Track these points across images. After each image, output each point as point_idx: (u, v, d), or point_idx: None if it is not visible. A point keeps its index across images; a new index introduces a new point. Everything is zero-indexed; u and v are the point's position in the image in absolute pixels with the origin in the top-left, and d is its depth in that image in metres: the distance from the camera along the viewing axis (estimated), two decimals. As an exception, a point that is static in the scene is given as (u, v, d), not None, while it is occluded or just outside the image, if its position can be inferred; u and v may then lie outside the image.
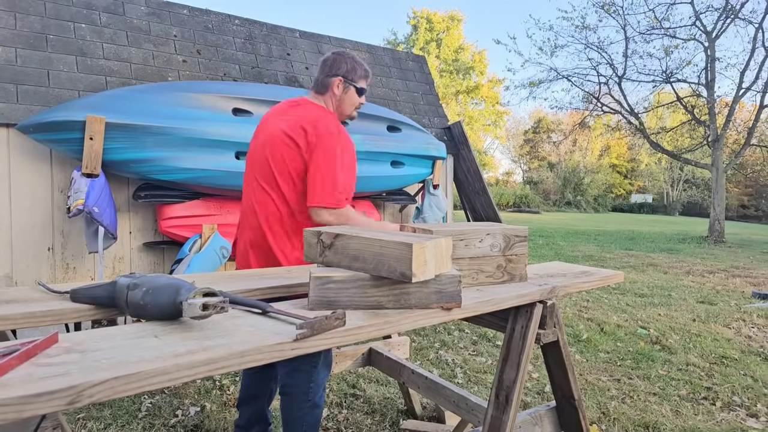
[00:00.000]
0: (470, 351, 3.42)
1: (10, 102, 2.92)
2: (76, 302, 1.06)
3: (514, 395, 1.44)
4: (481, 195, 4.73)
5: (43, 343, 0.76)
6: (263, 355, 0.83)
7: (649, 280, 6.46)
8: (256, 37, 4.24)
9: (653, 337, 3.82)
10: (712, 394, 2.78)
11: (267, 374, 1.93)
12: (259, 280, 1.36)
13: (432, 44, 30.66)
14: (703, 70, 13.40)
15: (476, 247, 1.36)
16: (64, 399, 0.63)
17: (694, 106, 13.97)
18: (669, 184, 41.10)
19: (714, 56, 13.08)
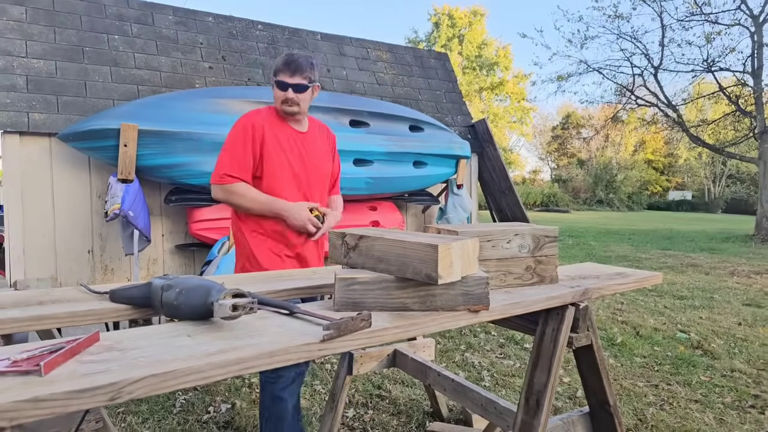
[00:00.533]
0: (497, 354, 3.38)
1: (51, 113, 3.07)
2: (114, 302, 1.12)
3: (545, 400, 1.42)
4: (507, 194, 4.66)
5: (86, 342, 0.80)
6: (291, 355, 0.85)
7: (690, 282, 6.21)
8: (279, 41, 4.32)
9: (694, 342, 3.66)
10: (760, 402, 2.64)
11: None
12: (285, 281, 1.38)
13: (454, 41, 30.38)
14: (748, 57, 12.63)
15: (504, 248, 1.35)
16: (106, 395, 0.66)
17: (738, 96, 13.26)
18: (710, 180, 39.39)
19: (761, 42, 12.31)
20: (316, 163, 1.95)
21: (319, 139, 2.01)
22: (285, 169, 1.86)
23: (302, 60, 1.83)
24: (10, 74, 3.06)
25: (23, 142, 3.01)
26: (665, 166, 42.28)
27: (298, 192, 1.90)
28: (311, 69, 1.85)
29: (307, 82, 1.84)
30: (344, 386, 1.97)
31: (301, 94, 1.84)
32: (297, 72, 1.81)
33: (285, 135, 1.88)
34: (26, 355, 0.72)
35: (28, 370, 0.67)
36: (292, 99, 1.82)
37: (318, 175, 1.97)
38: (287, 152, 1.87)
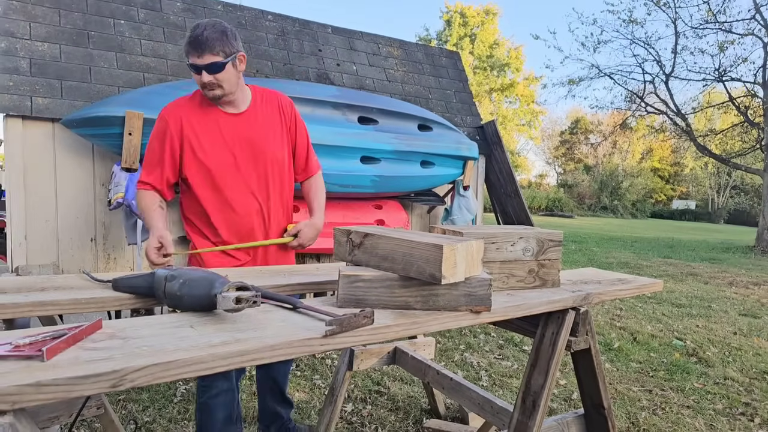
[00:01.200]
0: (496, 354, 3.38)
1: (55, 97, 3.06)
2: (117, 291, 1.12)
3: (542, 401, 1.42)
4: (513, 198, 4.64)
5: (89, 329, 0.80)
6: (293, 349, 0.85)
7: (688, 290, 6.21)
8: (289, 33, 4.29)
9: (689, 349, 3.67)
10: (750, 410, 2.66)
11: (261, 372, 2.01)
12: (289, 276, 1.39)
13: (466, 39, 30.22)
14: (760, 68, 12.57)
15: (508, 250, 1.35)
16: (108, 382, 0.67)
17: (747, 107, 13.19)
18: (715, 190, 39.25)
19: (775, 53, 12.26)
20: (260, 146, 1.66)
21: (265, 117, 1.70)
22: (221, 163, 1.61)
23: (209, 33, 1.50)
24: (13, 56, 3.03)
25: (26, 127, 2.99)
26: (671, 174, 42.14)
27: (244, 186, 1.65)
28: (224, 40, 1.53)
29: (222, 58, 1.52)
30: (344, 381, 1.97)
31: (220, 74, 1.53)
32: (205, 50, 1.50)
33: (212, 122, 1.62)
34: (29, 340, 0.72)
35: (30, 355, 0.68)
36: (210, 83, 1.54)
37: (266, 160, 1.68)
38: (218, 142, 1.61)
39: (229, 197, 1.65)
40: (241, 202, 1.67)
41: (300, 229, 1.74)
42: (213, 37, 1.51)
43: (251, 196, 1.68)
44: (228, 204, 1.66)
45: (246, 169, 1.66)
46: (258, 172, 1.68)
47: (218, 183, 1.64)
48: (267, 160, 1.68)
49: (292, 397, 1.99)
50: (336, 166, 3.42)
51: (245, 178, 1.66)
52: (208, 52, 1.51)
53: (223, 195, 1.65)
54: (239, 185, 1.65)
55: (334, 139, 3.39)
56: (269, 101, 1.74)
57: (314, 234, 1.77)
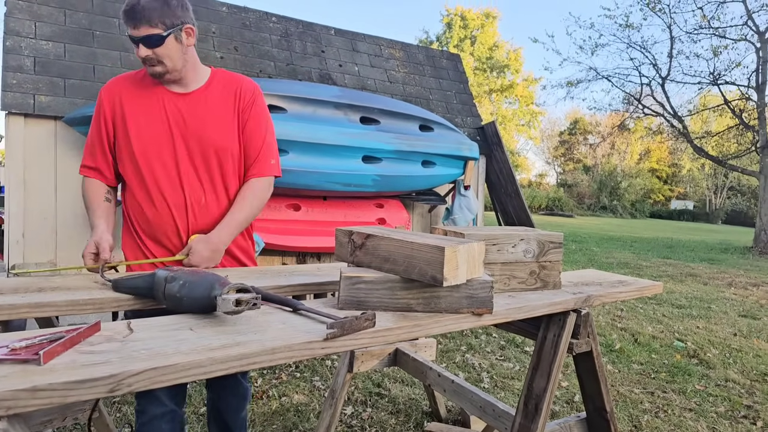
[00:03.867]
0: (497, 356, 3.37)
1: (57, 95, 3.05)
2: (117, 291, 1.10)
3: (544, 404, 1.41)
4: (513, 198, 4.64)
5: (87, 331, 0.79)
6: (294, 352, 0.84)
7: (688, 291, 6.20)
8: (292, 34, 4.30)
9: (690, 351, 3.66)
10: (752, 413, 2.65)
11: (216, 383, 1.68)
12: (289, 277, 1.37)
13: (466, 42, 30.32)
14: (753, 72, 12.77)
15: (509, 252, 1.34)
16: (105, 386, 0.65)
17: (742, 109, 13.32)
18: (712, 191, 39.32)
19: (766, 58, 12.42)
20: (201, 132, 1.43)
21: (217, 100, 1.47)
22: (149, 147, 1.40)
23: (147, 4, 1.30)
24: (17, 55, 3.03)
25: (28, 124, 2.99)
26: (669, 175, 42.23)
27: (173, 176, 1.42)
28: (165, 9, 1.32)
29: (161, 30, 1.32)
30: (344, 383, 1.96)
31: (159, 48, 1.33)
32: (141, 21, 1.30)
33: (152, 102, 1.42)
34: (25, 343, 0.71)
35: (26, 359, 0.66)
36: (148, 57, 1.34)
37: (208, 149, 1.44)
38: (154, 123, 1.41)
39: (151, 187, 1.42)
40: (164, 195, 1.42)
41: (190, 246, 1.39)
42: (151, 6, 1.30)
43: (178, 190, 1.43)
44: (149, 195, 1.43)
45: (181, 157, 1.42)
46: (196, 161, 1.44)
47: (142, 169, 1.41)
48: (209, 148, 1.44)
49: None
50: (338, 165, 3.42)
51: (177, 166, 1.42)
52: (145, 24, 1.30)
53: (145, 184, 1.42)
54: (167, 175, 1.42)
55: (336, 139, 3.39)
56: (227, 85, 1.50)
57: (209, 254, 1.39)
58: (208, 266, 1.40)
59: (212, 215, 1.47)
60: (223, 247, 1.43)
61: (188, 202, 1.44)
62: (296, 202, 3.60)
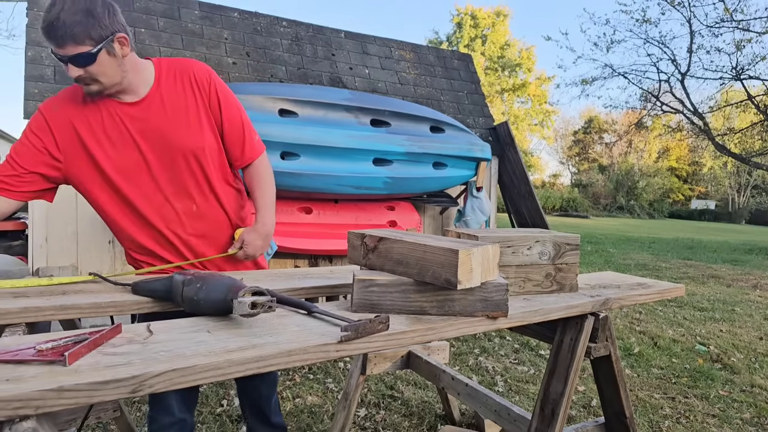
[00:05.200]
0: (512, 359, 3.34)
1: (79, 104, 3.13)
2: (136, 294, 1.13)
3: (561, 409, 1.39)
4: (527, 199, 4.60)
5: (109, 333, 0.81)
6: (309, 355, 0.85)
7: (710, 293, 6.06)
8: (302, 39, 4.34)
9: (713, 355, 3.58)
10: (779, 420, 2.58)
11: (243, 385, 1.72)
12: (302, 279, 1.39)
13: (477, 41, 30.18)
14: (779, 66, 12.37)
15: (524, 254, 1.33)
16: (128, 387, 0.67)
17: (767, 105, 12.92)
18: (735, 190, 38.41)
19: (793, 51, 12.02)
20: (171, 137, 1.31)
21: (173, 99, 1.33)
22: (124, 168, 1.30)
23: (67, 16, 1.12)
24: (39, 65, 3.12)
25: (51, 133, 3.07)
26: (689, 174, 41.39)
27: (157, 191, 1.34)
28: (90, 22, 1.15)
29: (91, 47, 1.16)
30: (357, 386, 1.97)
31: (91, 66, 1.18)
32: (65, 39, 1.14)
33: (107, 119, 1.28)
34: (51, 344, 0.73)
35: (53, 360, 0.69)
36: (81, 77, 1.20)
37: (179, 156, 1.33)
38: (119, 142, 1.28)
39: (136, 211, 1.34)
40: (152, 216, 1.35)
41: (242, 239, 1.42)
42: (73, 20, 1.13)
43: (166, 206, 1.35)
44: (135, 219, 1.36)
45: (158, 171, 1.32)
46: (175, 171, 1.34)
47: (121, 195, 1.32)
48: (185, 153, 1.33)
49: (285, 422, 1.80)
50: (349, 168, 3.44)
51: (157, 182, 1.33)
52: (70, 42, 1.14)
53: (127, 210, 1.34)
54: (149, 194, 1.33)
55: (347, 142, 3.41)
56: (178, 76, 1.35)
57: (261, 241, 1.42)
58: (262, 253, 1.43)
59: (208, 219, 1.42)
60: (272, 230, 1.44)
61: (179, 216, 1.37)
62: (308, 205, 3.63)
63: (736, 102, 14.57)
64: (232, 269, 1.50)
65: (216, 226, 1.44)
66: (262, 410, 1.72)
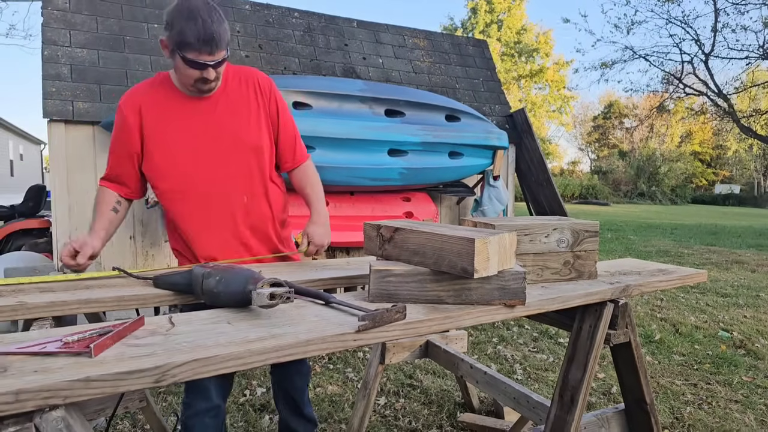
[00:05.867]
0: (530, 347, 3.33)
1: (94, 101, 3.18)
2: (158, 288, 1.16)
3: (580, 396, 1.39)
4: (545, 187, 4.54)
5: (132, 325, 0.83)
6: (327, 344, 0.86)
7: (734, 279, 5.92)
8: (315, 29, 4.32)
9: (737, 341, 3.51)
10: (805, 406, 2.53)
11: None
12: (320, 271, 1.40)
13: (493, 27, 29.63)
14: (809, 44, 11.85)
15: (542, 242, 1.32)
16: (152, 377, 0.69)
17: (796, 84, 12.45)
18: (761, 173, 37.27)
19: (824, 27, 11.52)
20: (232, 136, 1.44)
21: (239, 98, 1.48)
22: (188, 158, 1.42)
23: (218, 27, 1.31)
24: (55, 63, 3.16)
25: (68, 130, 3.12)
26: (712, 158, 40.26)
27: (218, 184, 1.44)
28: (227, 30, 1.37)
29: (225, 53, 1.36)
30: (377, 375, 1.99)
31: (221, 68, 1.38)
32: (219, 47, 1.32)
33: (178, 112, 1.42)
34: (77, 337, 0.75)
35: (79, 352, 0.71)
36: (213, 78, 1.36)
37: (240, 152, 1.46)
38: (184, 137, 1.41)
39: (203, 200, 1.44)
40: (218, 205, 1.45)
41: (307, 234, 1.52)
42: (221, 31, 1.32)
43: (225, 197, 1.46)
44: (202, 209, 1.45)
45: (222, 162, 1.44)
46: (237, 165, 1.45)
47: (188, 183, 1.43)
48: (247, 148, 1.46)
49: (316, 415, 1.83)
50: (364, 159, 3.43)
51: (221, 174, 1.44)
52: (219, 50, 1.32)
53: (192, 198, 1.43)
54: (215, 183, 1.44)
55: (362, 133, 3.40)
56: (244, 80, 1.50)
57: (323, 229, 1.54)
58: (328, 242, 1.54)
59: (255, 212, 1.51)
60: (327, 219, 1.59)
61: (235, 206, 1.47)
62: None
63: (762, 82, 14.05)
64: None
65: (261, 220, 1.53)
66: (296, 401, 1.77)
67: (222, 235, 1.47)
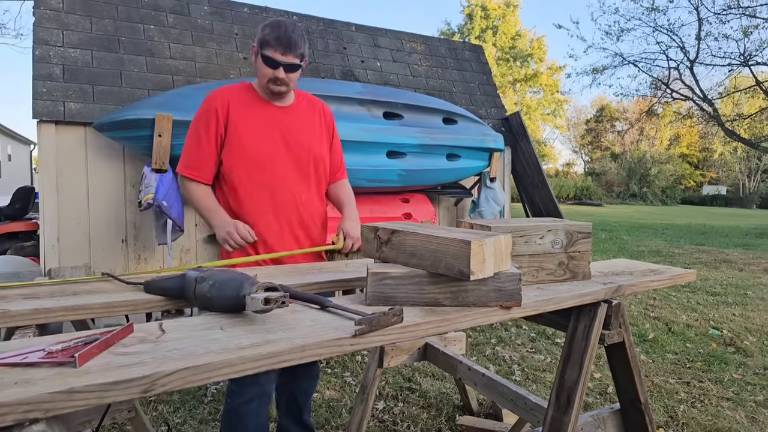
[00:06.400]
0: (528, 348, 3.32)
1: (87, 102, 3.13)
2: (148, 293, 1.13)
3: (576, 396, 1.38)
4: (540, 188, 4.56)
5: (120, 333, 0.80)
6: (323, 349, 0.84)
7: (723, 278, 5.98)
8: (313, 32, 4.30)
9: (727, 339, 3.54)
10: (794, 402, 2.55)
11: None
12: (317, 274, 1.38)
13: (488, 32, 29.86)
14: (786, 52, 12.15)
15: (537, 243, 1.31)
16: (139, 387, 0.66)
17: (775, 90, 12.71)
18: (745, 175, 37.82)
19: (799, 36, 11.80)
20: (301, 142, 1.69)
21: (308, 115, 1.75)
22: (266, 153, 1.63)
23: (296, 35, 1.57)
24: (47, 63, 3.10)
25: (59, 132, 3.07)
26: (700, 160, 40.79)
27: (286, 178, 1.65)
28: (305, 44, 1.60)
29: (299, 60, 1.60)
30: (375, 379, 1.96)
31: (293, 74, 1.61)
32: (291, 50, 1.56)
33: (260, 113, 1.65)
34: (61, 346, 0.72)
35: (62, 362, 0.68)
36: (282, 79, 1.59)
37: (305, 156, 1.70)
38: (262, 134, 1.63)
39: (270, 189, 1.63)
40: (281, 196, 1.65)
41: (343, 230, 1.73)
42: (299, 39, 1.58)
43: (289, 192, 1.66)
44: (268, 196, 1.64)
45: (290, 161, 1.66)
46: (301, 166, 1.69)
47: (260, 173, 1.62)
48: (311, 154, 1.70)
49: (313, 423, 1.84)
50: (363, 161, 3.42)
51: (288, 170, 1.66)
52: (292, 54, 1.56)
53: (263, 186, 1.63)
54: (282, 177, 1.65)
55: (360, 135, 3.40)
56: (312, 103, 1.80)
57: (356, 225, 1.77)
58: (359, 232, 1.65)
59: (313, 208, 1.75)
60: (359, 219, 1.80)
61: (296, 199, 1.68)
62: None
63: (744, 88, 14.41)
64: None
65: (312, 217, 1.74)
66: (299, 406, 1.84)
67: (279, 223, 1.66)
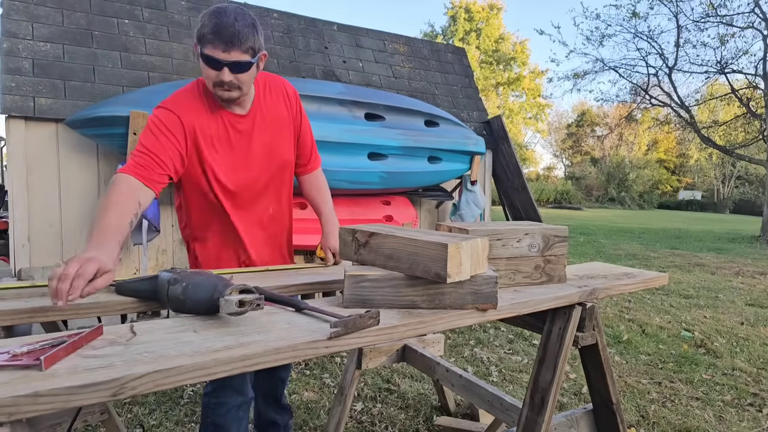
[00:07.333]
0: (506, 349, 3.36)
1: (58, 98, 3.05)
2: (120, 295, 1.10)
3: (550, 397, 1.40)
4: (520, 192, 4.63)
5: (89, 335, 0.78)
6: (297, 352, 0.84)
7: (696, 281, 6.15)
8: (294, 31, 4.27)
9: (698, 340, 3.65)
10: (758, 401, 2.64)
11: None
12: (295, 276, 1.37)
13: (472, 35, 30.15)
14: (760, 61, 12.61)
15: (514, 247, 1.33)
16: (108, 390, 0.65)
17: (750, 98, 13.17)
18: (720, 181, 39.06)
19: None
20: (273, 150, 1.47)
21: (271, 110, 1.47)
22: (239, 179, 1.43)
23: (241, 24, 1.23)
24: (15, 57, 3.01)
25: (28, 127, 2.98)
26: (676, 165, 41.95)
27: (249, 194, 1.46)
28: (255, 35, 1.27)
29: (250, 57, 1.27)
30: (353, 380, 1.96)
31: (243, 74, 1.28)
32: (234, 45, 1.23)
33: (224, 128, 1.38)
34: (27, 348, 0.71)
35: (28, 365, 0.66)
36: (230, 83, 1.27)
37: (279, 165, 1.49)
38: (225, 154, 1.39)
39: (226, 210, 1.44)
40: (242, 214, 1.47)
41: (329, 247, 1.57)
42: (245, 31, 1.24)
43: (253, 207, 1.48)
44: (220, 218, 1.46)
45: (254, 174, 1.44)
46: (265, 176, 1.48)
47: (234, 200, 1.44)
48: (279, 164, 1.49)
49: (291, 405, 1.85)
50: (344, 162, 3.41)
51: (253, 187, 1.46)
52: (237, 48, 1.23)
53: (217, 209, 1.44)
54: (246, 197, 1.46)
55: (341, 136, 3.38)
56: (274, 91, 1.48)
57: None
58: None
59: (279, 222, 1.58)
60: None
61: (261, 217, 1.51)
62: (302, 200, 3.60)
63: (720, 95, 14.85)
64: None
65: (281, 230, 1.59)
66: (276, 392, 1.86)
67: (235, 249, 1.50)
